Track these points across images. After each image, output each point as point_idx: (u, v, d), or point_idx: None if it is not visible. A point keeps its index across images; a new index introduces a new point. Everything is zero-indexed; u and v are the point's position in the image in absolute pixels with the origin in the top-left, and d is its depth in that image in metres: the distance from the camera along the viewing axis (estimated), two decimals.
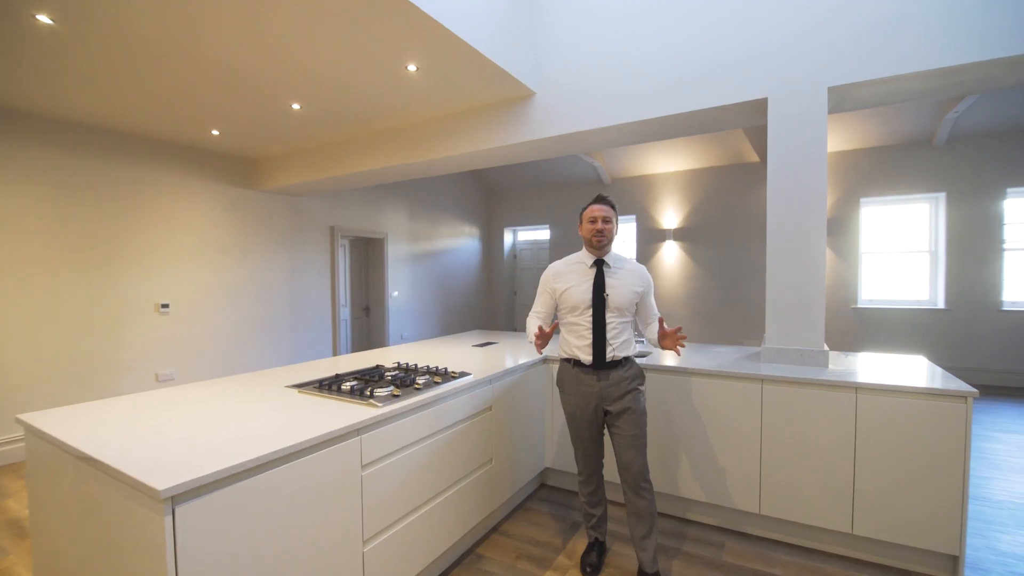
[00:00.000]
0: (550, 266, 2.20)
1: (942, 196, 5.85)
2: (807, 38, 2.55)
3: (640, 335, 2.23)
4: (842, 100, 2.68)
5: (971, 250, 5.66)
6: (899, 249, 6.24)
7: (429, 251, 7.78)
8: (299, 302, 5.67)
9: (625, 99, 3.06)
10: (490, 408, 2.40)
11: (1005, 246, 5.52)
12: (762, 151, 6.68)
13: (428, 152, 3.84)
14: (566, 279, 2.10)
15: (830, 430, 2.22)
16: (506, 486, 2.55)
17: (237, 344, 5.05)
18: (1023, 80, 2.43)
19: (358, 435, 1.65)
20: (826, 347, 2.57)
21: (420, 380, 2.13)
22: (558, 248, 8.47)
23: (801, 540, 2.36)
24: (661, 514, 2.64)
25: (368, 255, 6.87)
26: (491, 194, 9.30)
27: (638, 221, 7.75)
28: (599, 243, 2.04)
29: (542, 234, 9.04)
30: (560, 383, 2.19)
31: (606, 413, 2.06)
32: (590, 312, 2.02)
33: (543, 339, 2.03)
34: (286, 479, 1.41)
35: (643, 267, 2.16)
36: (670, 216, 7.52)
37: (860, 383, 2.17)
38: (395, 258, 6.99)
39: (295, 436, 1.47)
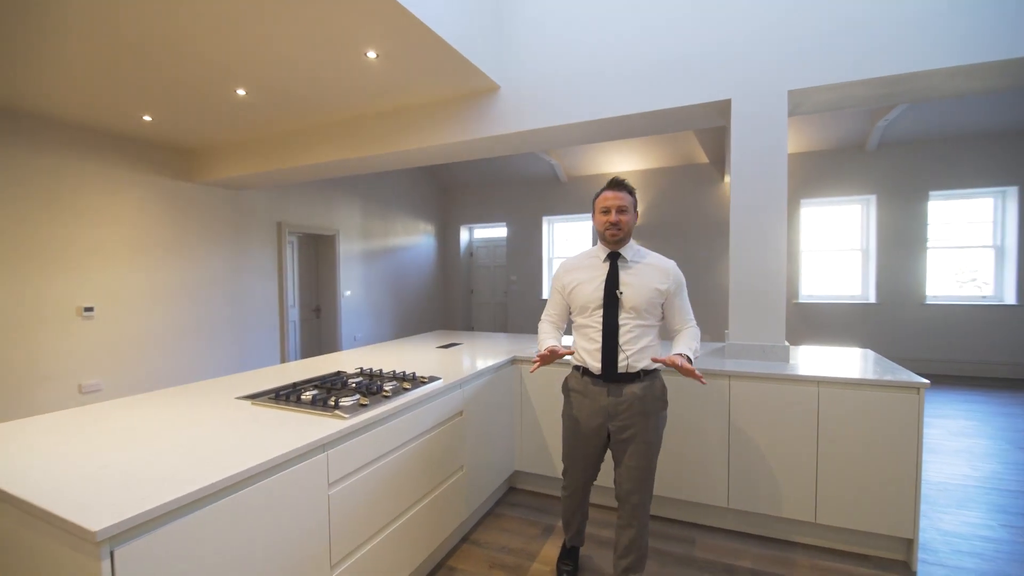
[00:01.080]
0: (562, 263, 1.97)
1: (873, 198, 6.27)
2: (769, 42, 2.61)
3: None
4: (799, 104, 2.77)
5: (898, 248, 6.11)
6: (835, 247, 6.65)
7: (383, 248, 7.52)
8: (243, 303, 5.30)
9: (592, 96, 3.03)
10: (460, 413, 2.29)
11: (928, 245, 6.00)
12: (712, 152, 6.93)
13: (388, 145, 3.66)
14: (576, 275, 1.86)
15: (794, 423, 2.28)
16: (477, 493, 2.45)
17: (173, 351, 4.64)
18: (974, 88, 2.60)
19: (324, 451, 1.50)
20: (786, 343, 2.65)
21: (387, 387, 1.99)
22: (515, 246, 8.43)
23: (768, 531, 2.41)
24: None
25: (318, 253, 6.54)
26: (446, 191, 9.12)
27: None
28: (613, 237, 1.79)
29: (499, 232, 8.96)
30: (565, 389, 1.96)
31: (610, 433, 1.82)
32: (601, 312, 1.77)
33: (547, 360, 1.76)
34: (245, 506, 1.25)
35: (671, 262, 1.85)
36: None
37: (822, 377, 2.24)
38: (347, 256, 6.70)
39: (254, 456, 1.31)
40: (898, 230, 6.12)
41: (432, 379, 2.17)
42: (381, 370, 2.31)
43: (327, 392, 1.94)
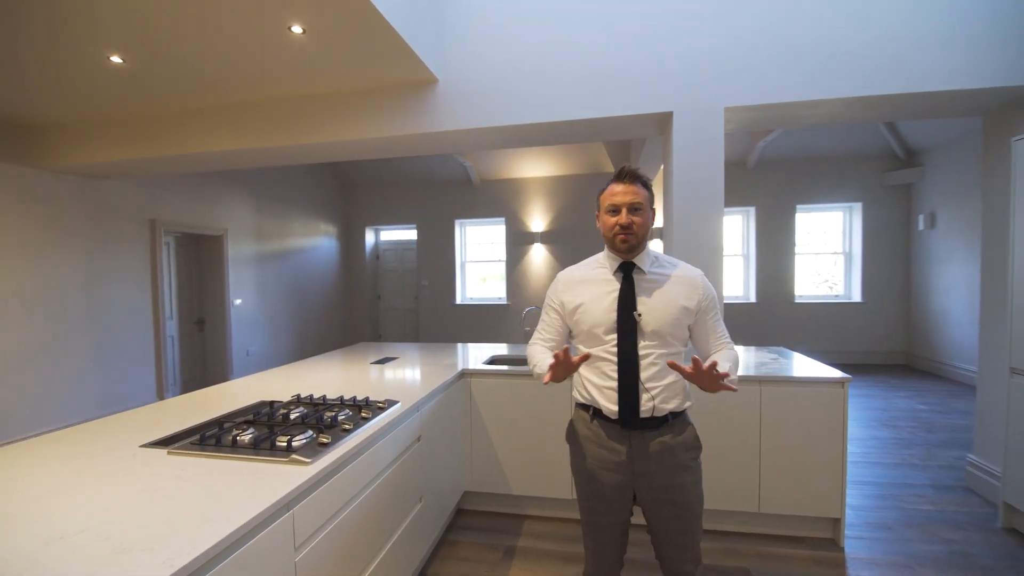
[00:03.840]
0: (560, 274, 1.56)
1: (752, 210, 7.08)
2: (709, 60, 2.75)
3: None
4: (728, 120, 2.96)
5: (772, 254, 6.96)
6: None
7: (279, 251, 6.76)
8: (107, 317, 4.37)
9: (538, 99, 2.96)
10: (419, 439, 2.06)
11: (796, 250, 6.92)
12: (618, 162, 7.29)
13: (306, 136, 3.23)
14: (580, 291, 1.46)
15: (740, 421, 2.41)
16: (434, 524, 2.23)
17: (10, 383, 3.65)
18: (863, 117, 2.97)
19: (289, 510, 1.21)
20: None
21: (342, 417, 1.71)
22: (426, 249, 8.11)
23: (716, 525, 2.52)
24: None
25: (202, 256, 5.66)
26: (349, 189, 8.49)
27: (507, 223, 7.83)
28: (625, 244, 1.39)
29: (408, 234, 8.57)
30: (572, 437, 1.53)
31: (636, 494, 1.43)
32: (614, 339, 1.38)
33: (561, 369, 1.27)
34: None
35: (698, 272, 1.46)
36: (537, 220, 7.75)
37: (763, 376, 2.40)
38: (237, 259, 5.89)
39: (199, 536, 0.99)
40: (772, 238, 6.98)
41: (390, 403, 1.92)
42: (324, 396, 1.99)
43: (268, 429, 1.60)
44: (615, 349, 1.38)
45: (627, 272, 1.42)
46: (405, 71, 2.89)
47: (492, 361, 2.99)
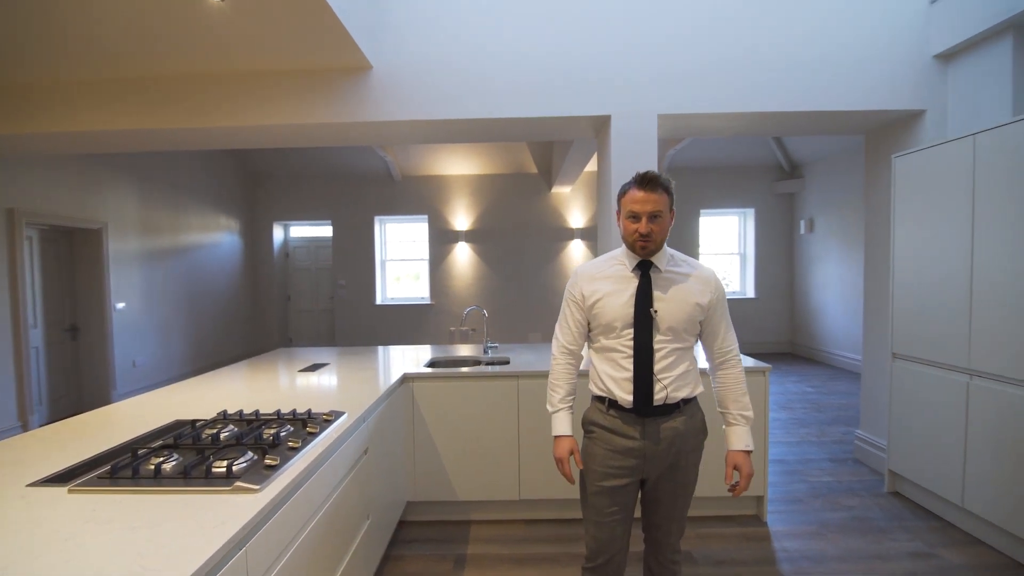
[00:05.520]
0: (577, 270, 1.60)
1: None
2: (646, 68, 2.88)
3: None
4: (659, 127, 3.11)
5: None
6: None
7: (171, 248, 6.00)
8: None
9: (475, 95, 2.91)
10: (366, 451, 1.91)
11: (700, 251, 7.53)
12: (540, 163, 7.43)
13: (216, 117, 2.87)
14: (598, 286, 1.52)
15: None
16: (380, 541, 2.09)
17: None
18: (788, 129, 3.27)
19: (241, 547, 1.04)
20: None
21: (284, 434, 1.53)
22: (343, 247, 7.66)
23: None
24: (542, 521, 2.59)
25: (75, 253, 4.84)
26: (254, 180, 7.77)
27: (430, 222, 7.64)
28: (644, 250, 1.44)
29: (321, 231, 8.04)
30: (587, 426, 1.59)
31: (644, 479, 1.53)
32: (631, 333, 1.46)
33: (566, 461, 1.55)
34: None
35: (712, 271, 1.55)
36: (461, 219, 7.66)
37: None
38: (120, 257, 5.13)
39: None
40: (680, 240, 7.51)
41: (336, 415, 1.75)
42: (258, 411, 1.77)
43: (197, 453, 1.38)
44: (631, 343, 1.46)
45: (645, 270, 1.48)
46: (337, 54, 2.68)
47: (432, 364, 2.88)
